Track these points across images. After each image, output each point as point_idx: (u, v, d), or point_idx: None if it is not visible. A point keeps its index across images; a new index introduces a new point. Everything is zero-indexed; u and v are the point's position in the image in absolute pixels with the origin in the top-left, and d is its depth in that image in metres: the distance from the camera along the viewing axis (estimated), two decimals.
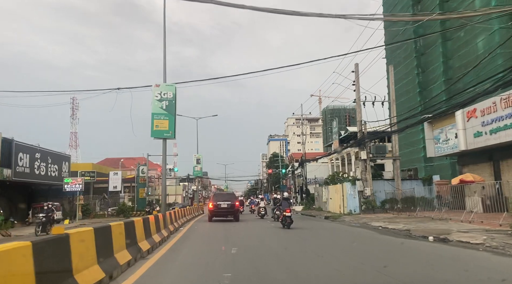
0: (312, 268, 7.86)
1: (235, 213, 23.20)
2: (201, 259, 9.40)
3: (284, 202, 18.44)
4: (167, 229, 13.72)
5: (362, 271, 7.60)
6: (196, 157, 40.04)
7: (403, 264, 8.47)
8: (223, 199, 23.24)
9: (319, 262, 8.87)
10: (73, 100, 74.66)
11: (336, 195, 34.21)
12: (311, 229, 19.16)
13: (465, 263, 8.54)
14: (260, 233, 16.66)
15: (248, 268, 7.85)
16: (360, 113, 28.64)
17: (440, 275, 7.14)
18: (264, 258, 9.18)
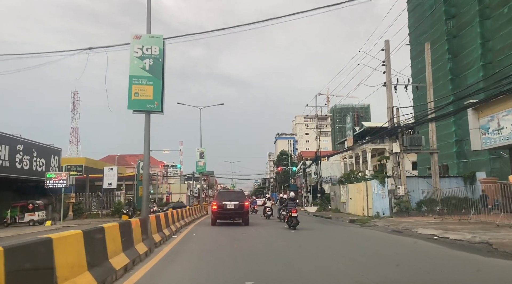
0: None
1: (244, 215, 18.69)
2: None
3: (290, 202, 17.50)
4: (148, 241, 9.25)
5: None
6: (199, 150, 35.46)
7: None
8: (230, 198, 18.71)
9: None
10: (74, 94, 70.58)
11: (358, 194, 29.53)
12: (345, 239, 14.51)
13: None
14: (282, 248, 12.07)
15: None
16: (391, 98, 23.97)
17: None
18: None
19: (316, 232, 16.72)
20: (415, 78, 37.66)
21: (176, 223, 16.19)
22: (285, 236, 14.63)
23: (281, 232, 15.91)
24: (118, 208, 33.25)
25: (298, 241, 12.99)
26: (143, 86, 9.94)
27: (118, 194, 35.70)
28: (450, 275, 7.17)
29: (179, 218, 17.50)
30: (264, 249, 10.64)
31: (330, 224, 21.59)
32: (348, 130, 55.98)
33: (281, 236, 14.67)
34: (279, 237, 14.31)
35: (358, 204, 29.39)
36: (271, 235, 15.09)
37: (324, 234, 15.94)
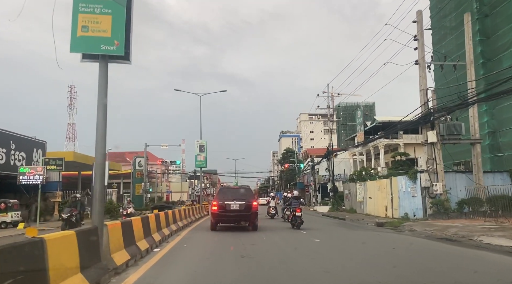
0: None
1: (251, 218, 14.71)
2: None
3: (295, 201, 16.63)
4: (95, 271, 5.29)
5: None
6: (199, 143, 31.31)
7: None
8: (234, 197, 14.77)
9: None
10: (70, 89, 66.72)
11: (379, 193, 25.53)
12: (389, 251, 10.49)
13: None
14: (309, 267, 8.10)
15: None
16: (424, 78, 20.02)
17: None
18: None
19: (344, 242, 12.76)
20: (436, 65, 33.59)
21: (164, 229, 12.26)
22: (309, 247, 10.67)
23: (302, 242, 11.95)
24: (109, 207, 29.37)
25: (330, 257, 9.03)
26: (96, 16, 5.99)
27: (110, 192, 31.79)
28: None
29: (169, 222, 13.56)
30: (290, 277, 6.65)
31: (353, 228, 17.58)
32: (358, 125, 51.76)
33: (304, 247, 10.71)
34: (301, 248, 10.34)
35: (380, 203, 25.39)
36: (290, 245, 11.12)
37: (357, 244, 11.95)
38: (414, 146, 46.92)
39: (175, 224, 14.63)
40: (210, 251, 10.01)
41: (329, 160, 34.94)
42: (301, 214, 15.74)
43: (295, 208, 15.91)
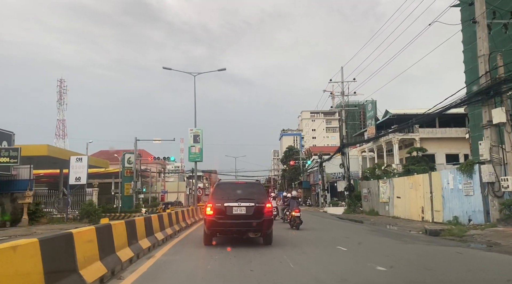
0: None
1: (264, 226, 9.68)
2: None
3: (293, 201, 16.16)
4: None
5: None
6: (193, 132, 25.92)
7: None
8: (237, 196, 9.80)
9: None
10: (60, 83, 61.58)
11: (412, 191, 20.62)
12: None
13: None
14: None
15: None
16: (485, 41, 15.14)
17: None
18: None
19: (417, 268, 7.75)
20: (468, 44, 28.78)
21: (125, 249, 7.30)
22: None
23: (358, 271, 7.01)
24: (88, 210, 24.46)
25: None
26: None
27: (90, 191, 26.84)
28: None
29: (137, 236, 8.56)
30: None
31: (397, 239, 12.62)
32: (369, 119, 46.77)
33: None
34: None
35: (413, 204, 20.48)
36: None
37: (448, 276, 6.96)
38: (432, 141, 42.28)
39: (153, 236, 9.65)
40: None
41: (343, 154, 30.02)
42: (300, 214, 15.28)
43: (293, 208, 15.52)
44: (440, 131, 42.55)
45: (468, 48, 28.82)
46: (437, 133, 42.62)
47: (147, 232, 9.43)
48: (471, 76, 27.81)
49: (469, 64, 28.83)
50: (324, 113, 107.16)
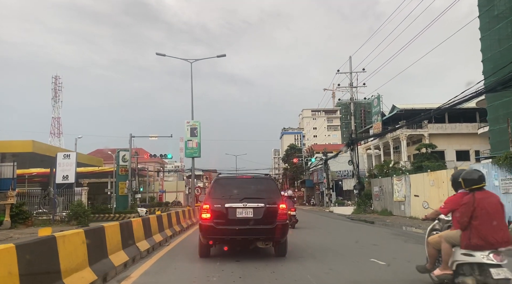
0: None
1: (277, 233, 7.36)
2: None
3: (289, 201, 15.44)
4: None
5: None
6: (190, 125, 23.33)
7: None
8: (242, 195, 7.46)
9: None
10: (55, 79, 59.15)
11: (434, 189, 18.37)
12: None
13: None
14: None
15: None
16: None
17: None
18: None
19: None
20: (486, 31, 26.51)
21: (83, 271, 4.99)
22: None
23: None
24: (77, 211, 22.16)
25: None
26: None
27: (79, 191, 24.54)
28: None
29: (105, 249, 6.23)
30: None
31: None
32: (375, 115, 44.47)
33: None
34: None
35: (436, 203, 18.11)
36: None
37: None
38: (441, 137, 40.01)
39: (126, 250, 7.29)
40: None
41: (352, 150, 27.72)
42: (296, 213, 15.77)
43: (290, 207, 15.06)
44: (450, 127, 40.30)
45: (486, 35, 26.59)
46: (446, 129, 40.38)
47: (125, 242, 7.14)
48: (490, 65, 25.62)
49: (487, 53, 26.62)
50: (326, 112, 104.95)
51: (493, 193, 5.02)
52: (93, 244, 5.52)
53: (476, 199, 4.63)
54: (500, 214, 4.69)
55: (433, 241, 5.25)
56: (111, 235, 6.47)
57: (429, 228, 5.79)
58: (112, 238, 6.48)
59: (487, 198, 4.69)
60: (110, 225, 6.65)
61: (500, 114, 25.75)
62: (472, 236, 4.55)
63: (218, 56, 23.59)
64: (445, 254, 4.90)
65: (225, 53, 23.23)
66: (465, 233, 4.64)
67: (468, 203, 4.63)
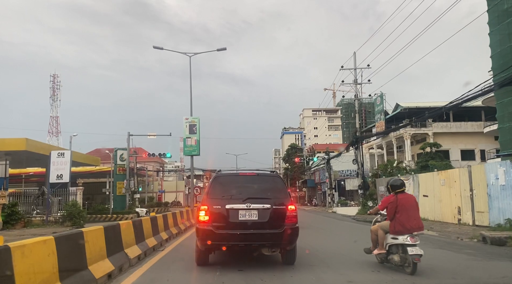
0: None
1: (284, 238, 6.34)
2: None
3: None
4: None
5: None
6: (189, 121, 22.23)
7: None
8: (245, 194, 6.48)
9: None
10: (53, 78, 58.08)
11: (445, 189, 17.36)
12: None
13: None
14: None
15: None
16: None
17: None
18: None
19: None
20: (495, 25, 25.55)
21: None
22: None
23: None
24: (71, 211, 21.19)
25: None
26: None
27: (73, 191, 23.56)
28: None
29: (83, 257, 5.26)
30: None
31: (455, 250, 9.40)
32: (378, 113, 43.50)
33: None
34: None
35: (446, 203, 17.23)
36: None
37: None
38: (445, 136, 39.04)
39: (111, 258, 6.30)
40: None
41: (357, 149, 26.74)
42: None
43: None
44: (454, 126, 39.30)
45: (496, 30, 25.59)
46: (451, 128, 39.38)
47: (110, 248, 6.16)
48: (499, 60, 24.64)
49: (496, 48, 25.61)
50: (326, 111, 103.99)
51: (411, 195, 7.06)
52: (66, 253, 4.55)
53: (398, 199, 6.46)
54: (414, 209, 6.50)
55: (374, 229, 6.92)
56: (92, 240, 5.50)
57: (374, 220, 7.30)
58: (93, 245, 5.51)
59: (406, 198, 6.54)
60: (91, 229, 5.68)
61: (510, 111, 24.80)
62: (396, 225, 6.32)
63: (218, 49, 22.57)
64: (380, 238, 6.66)
65: (225, 47, 22.27)
66: (392, 222, 6.41)
67: (393, 202, 6.46)
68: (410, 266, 6.02)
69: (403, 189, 6.67)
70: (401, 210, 6.33)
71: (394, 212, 6.36)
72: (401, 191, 6.62)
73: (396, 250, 6.33)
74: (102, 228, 6.09)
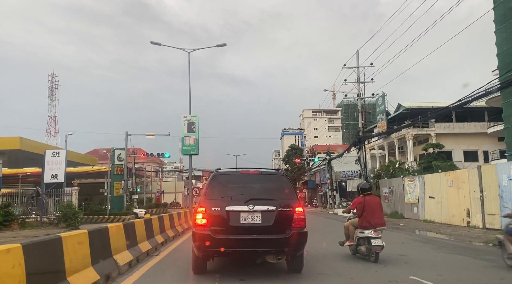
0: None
1: (290, 244, 5.61)
2: None
3: None
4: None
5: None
6: (188, 119, 21.37)
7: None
8: (248, 195, 5.80)
9: None
10: (52, 77, 57.34)
11: (453, 190, 16.68)
12: None
13: None
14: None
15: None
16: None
17: None
18: None
19: None
20: (501, 23, 24.91)
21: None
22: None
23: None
24: (66, 212, 20.50)
25: None
26: None
27: (69, 191, 22.83)
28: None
29: (61, 266, 4.57)
30: None
31: (471, 255, 8.72)
32: (379, 114, 42.85)
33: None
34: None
35: (454, 205, 16.53)
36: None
37: None
38: (448, 137, 38.35)
39: (96, 266, 5.59)
40: None
41: (360, 149, 26.05)
42: None
43: None
44: (457, 126, 38.61)
45: (502, 27, 24.91)
46: (454, 129, 38.70)
47: (96, 255, 5.46)
48: (506, 58, 23.97)
49: (502, 46, 24.93)
50: (326, 112, 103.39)
51: (376, 197, 8.24)
52: (38, 264, 3.86)
53: (366, 200, 7.65)
54: (378, 208, 7.69)
55: (346, 225, 8.10)
56: (74, 247, 4.81)
57: (347, 218, 8.39)
58: (75, 252, 4.82)
59: (371, 199, 7.74)
60: (72, 234, 4.99)
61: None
62: (363, 221, 7.49)
63: (218, 45, 21.82)
64: (351, 233, 7.84)
65: (225, 43, 21.52)
66: (360, 219, 7.60)
67: (361, 202, 7.65)
68: (373, 255, 7.25)
69: (371, 192, 8.07)
70: (367, 209, 7.57)
71: (362, 210, 7.61)
72: (369, 193, 7.96)
73: (363, 242, 7.53)
74: (86, 232, 5.40)
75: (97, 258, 5.51)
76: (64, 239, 4.63)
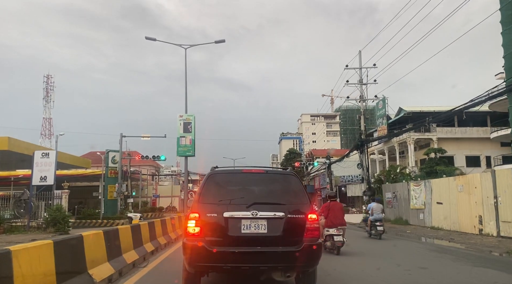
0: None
1: (301, 260, 4.54)
2: None
3: None
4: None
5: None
6: (183, 119, 20.33)
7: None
8: (250, 198, 4.73)
9: None
10: (47, 79, 56.10)
11: (463, 196, 15.68)
12: None
13: None
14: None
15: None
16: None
17: None
18: None
19: None
20: (508, 24, 24.09)
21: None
22: None
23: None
24: (55, 216, 19.32)
25: None
26: None
27: (59, 194, 21.67)
28: None
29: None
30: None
31: (499, 268, 7.70)
32: (380, 118, 41.94)
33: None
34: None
35: (465, 212, 15.52)
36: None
37: None
38: (450, 141, 37.46)
39: (72, 281, 4.55)
40: None
41: (362, 152, 25.07)
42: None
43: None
44: (459, 131, 37.75)
45: (509, 29, 24.11)
46: (456, 133, 37.84)
47: (63, 271, 4.40)
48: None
49: (509, 48, 24.03)
50: (325, 117, 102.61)
51: (339, 202, 11.09)
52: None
53: (330, 204, 10.07)
54: (340, 211, 10.07)
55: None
56: (31, 263, 3.76)
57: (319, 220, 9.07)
58: (32, 269, 3.77)
59: (335, 204, 10.23)
60: (29, 246, 3.93)
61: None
62: (328, 221, 9.72)
63: (216, 41, 20.85)
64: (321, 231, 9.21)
65: (224, 39, 20.61)
66: (326, 220, 9.74)
67: (327, 206, 9.98)
68: (336, 249, 9.28)
69: (335, 199, 10.92)
70: (331, 212, 9.80)
71: (327, 213, 9.78)
72: (334, 199, 10.62)
73: (329, 239, 9.52)
74: (51, 243, 4.34)
75: (65, 275, 4.46)
76: (15, 253, 3.58)
